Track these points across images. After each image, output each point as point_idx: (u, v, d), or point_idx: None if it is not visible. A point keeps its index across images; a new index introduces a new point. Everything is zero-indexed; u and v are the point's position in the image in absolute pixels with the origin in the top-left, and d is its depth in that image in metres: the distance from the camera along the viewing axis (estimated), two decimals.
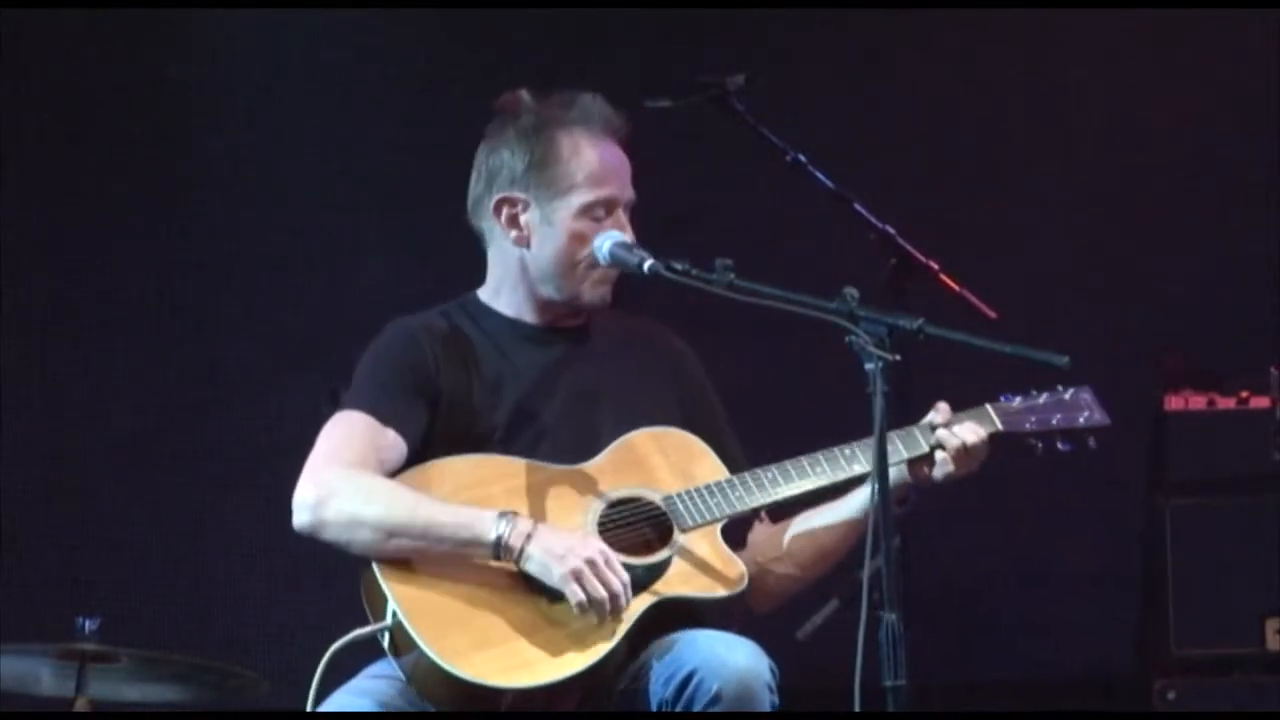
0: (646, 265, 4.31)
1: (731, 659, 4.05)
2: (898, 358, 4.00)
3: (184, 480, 6.73)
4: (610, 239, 4.37)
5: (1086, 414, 4.52)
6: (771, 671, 4.09)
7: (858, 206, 5.66)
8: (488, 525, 4.16)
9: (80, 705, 5.09)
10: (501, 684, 4.07)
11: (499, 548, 4.15)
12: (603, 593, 4.11)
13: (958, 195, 6.84)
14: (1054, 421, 4.50)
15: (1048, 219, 6.91)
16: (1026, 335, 4.24)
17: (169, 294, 6.81)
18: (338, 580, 6.32)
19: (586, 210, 4.40)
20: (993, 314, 5.56)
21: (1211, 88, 6.90)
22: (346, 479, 4.24)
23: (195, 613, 6.64)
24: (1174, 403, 6.31)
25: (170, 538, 6.70)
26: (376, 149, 6.89)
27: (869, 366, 3.99)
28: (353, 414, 4.35)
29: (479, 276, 4.58)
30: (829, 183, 5.66)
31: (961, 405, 4.47)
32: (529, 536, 4.15)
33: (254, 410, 6.76)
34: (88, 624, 5.04)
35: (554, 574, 4.12)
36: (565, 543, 4.15)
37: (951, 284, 5.64)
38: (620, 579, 4.13)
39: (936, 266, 5.66)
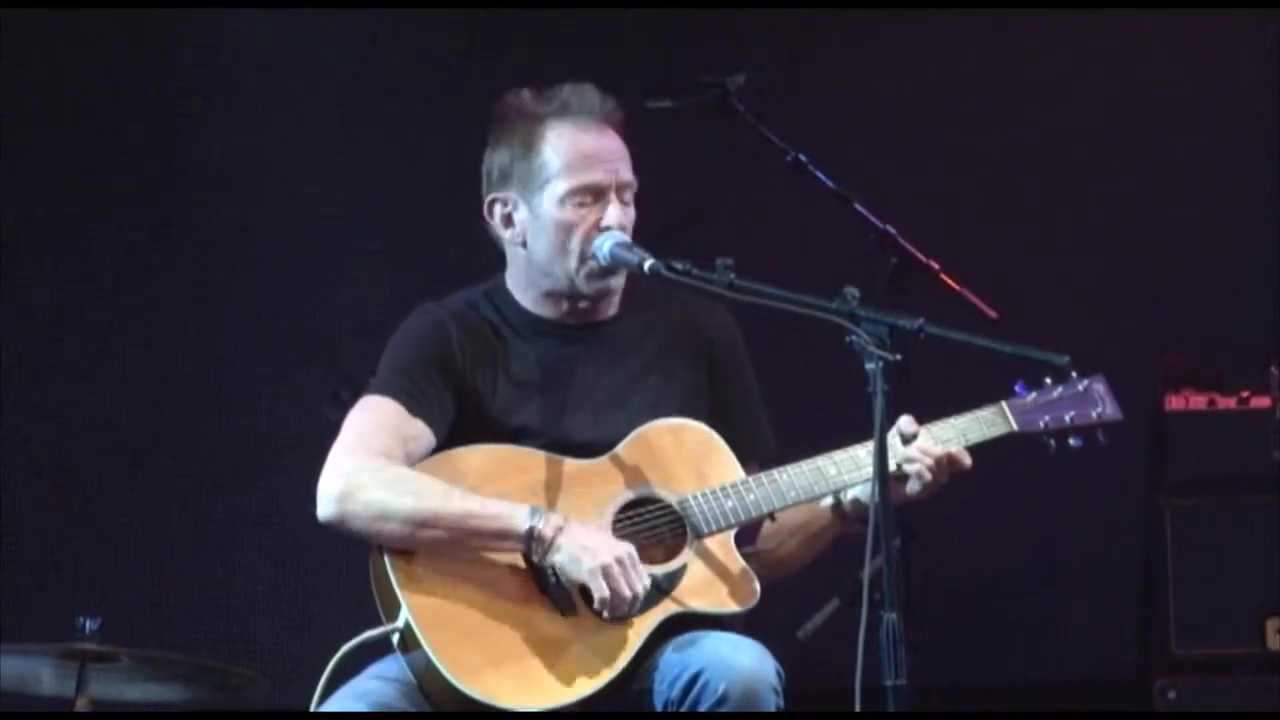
0: (647, 265, 4.30)
1: (737, 660, 4.05)
2: (898, 357, 4.01)
3: (184, 480, 6.73)
4: (610, 239, 4.35)
5: (1100, 409, 4.49)
6: (777, 673, 4.09)
7: (858, 206, 5.66)
8: (521, 518, 4.16)
9: (80, 705, 5.08)
10: (513, 706, 4.08)
11: (530, 539, 4.15)
12: (626, 592, 4.13)
13: (958, 195, 6.83)
14: (1068, 419, 4.47)
15: (1048, 219, 6.90)
16: (1026, 335, 4.24)
17: (169, 294, 6.81)
18: (338, 579, 6.35)
19: (569, 198, 4.37)
20: (993, 314, 5.57)
21: (1211, 88, 6.90)
22: (374, 470, 4.21)
23: (195, 613, 6.64)
24: (1174, 403, 6.31)
25: (170, 538, 6.70)
26: (377, 148, 6.89)
27: (869, 366, 4.00)
28: (382, 400, 4.32)
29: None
30: (829, 183, 5.66)
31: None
32: (560, 530, 4.16)
33: (254, 410, 6.76)
34: (88, 624, 5.02)
35: (582, 567, 4.13)
36: (595, 539, 4.17)
37: (951, 284, 5.64)
38: (642, 583, 4.15)
39: (937, 266, 5.66)
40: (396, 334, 4.44)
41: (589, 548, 4.14)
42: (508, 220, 4.45)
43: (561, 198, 4.38)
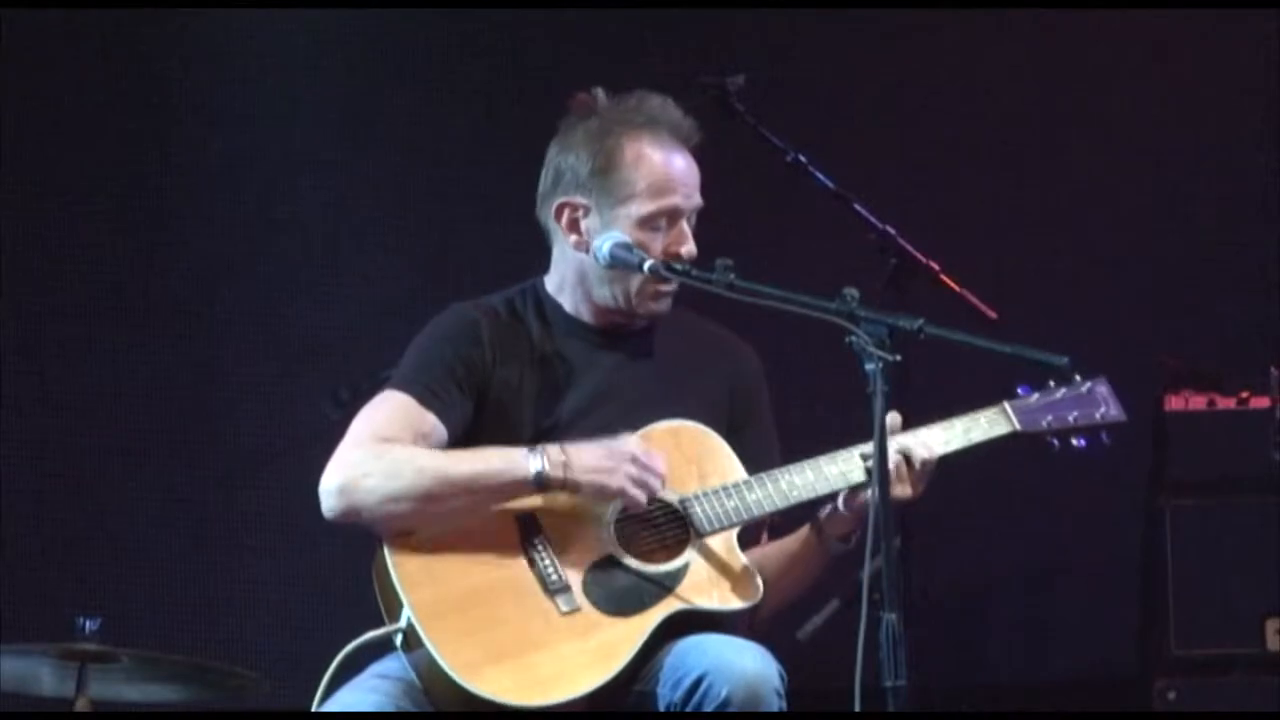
0: (646, 265, 4.31)
1: (740, 663, 4.05)
2: (898, 358, 4.01)
3: (185, 480, 6.73)
4: (610, 239, 4.35)
5: (1103, 409, 4.48)
6: (780, 676, 4.09)
7: (858, 206, 5.66)
8: (522, 463, 4.18)
9: (80, 705, 5.08)
10: (516, 703, 4.07)
11: (541, 482, 4.18)
12: (656, 485, 4.20)
13: (958, 195, 6.83)
14: (1071, 419, 4.46)
15: (1048, 219, 6.90)
16: (1026, 335, 4.24)
17: (170, 294, 6.81)
18: (338, 579, 6.35)
19: (647, 221, 4.36)
20: (993, 314, 5.57)
21: (1211, 88, 6.89)
22: (374, 457, 4.20)
23: (195, 613, 6.64)
24: (1174, 403, 6.30)
25: (171, 538, 6.70)
26: (378, 149, 6.89)
27: (869, 367, 4.00)
28: (395, 394, 4.31)
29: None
30: (829, 183, 5.67)
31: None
32: (566, 465, 4.18)
33: (255, 410, 6.76)
34: (88, 624, 5.03)
35: (610, 490, 4.18)
36: (600, 455, 4.20)
37: (951, 284, 5.64)
38: (660, 465, 4.20)
39: (937, 267, 5.66)
40: (422, 332, 4.42)
41: (606, 468, 4.18)
42: (574, 226, 4.42)
43: (640, 219, 4.36)
